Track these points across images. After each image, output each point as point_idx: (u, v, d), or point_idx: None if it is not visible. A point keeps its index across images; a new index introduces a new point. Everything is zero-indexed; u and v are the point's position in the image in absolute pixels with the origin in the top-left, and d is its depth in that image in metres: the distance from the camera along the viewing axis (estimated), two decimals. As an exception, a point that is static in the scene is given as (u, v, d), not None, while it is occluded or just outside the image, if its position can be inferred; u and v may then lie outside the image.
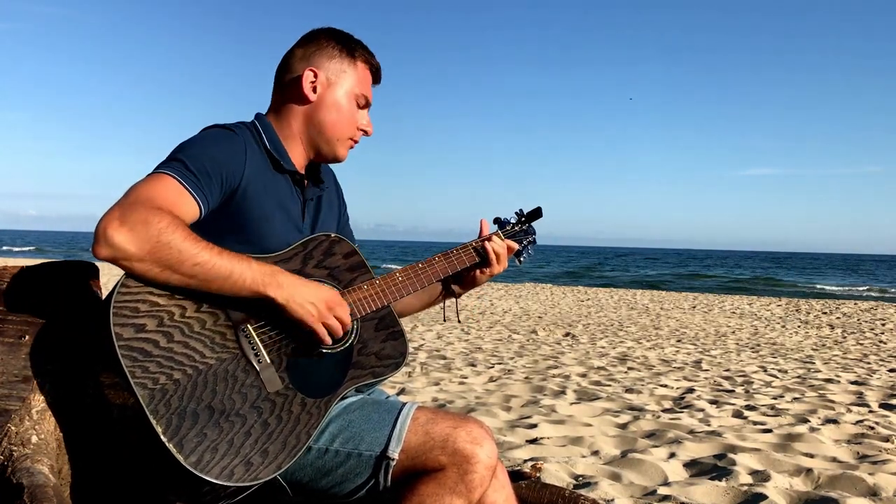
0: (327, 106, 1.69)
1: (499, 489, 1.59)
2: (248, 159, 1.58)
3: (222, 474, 1.35)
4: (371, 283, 1.68)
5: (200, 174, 1.48)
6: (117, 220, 1.36)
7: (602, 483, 3.02)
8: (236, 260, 1.44)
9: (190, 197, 1.46)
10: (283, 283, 1.47)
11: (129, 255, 1.35)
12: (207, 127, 1.63)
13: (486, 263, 1.84)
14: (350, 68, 1.71)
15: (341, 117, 1.70)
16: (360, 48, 1.74)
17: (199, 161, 1.49)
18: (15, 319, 1.53)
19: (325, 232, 1.71)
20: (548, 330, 9.80)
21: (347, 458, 1.52)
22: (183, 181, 1.46)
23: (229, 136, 1.58)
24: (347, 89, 1.70)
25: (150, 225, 1.36)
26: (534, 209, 1.99)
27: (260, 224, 1.58)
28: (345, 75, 1.70)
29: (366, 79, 1.74)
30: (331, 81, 1.69)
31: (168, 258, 1.37)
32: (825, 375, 6.44)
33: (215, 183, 1.51)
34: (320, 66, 1.69)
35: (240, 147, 1.58)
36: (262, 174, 1.61)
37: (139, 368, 1.34)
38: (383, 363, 1.64)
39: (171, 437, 1.33)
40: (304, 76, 1.68)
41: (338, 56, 1.70)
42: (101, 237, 1.35)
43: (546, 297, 17.24)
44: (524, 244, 1.97)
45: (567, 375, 6.01)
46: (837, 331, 11.00)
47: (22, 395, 1.50)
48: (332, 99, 1.69)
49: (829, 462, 3.51)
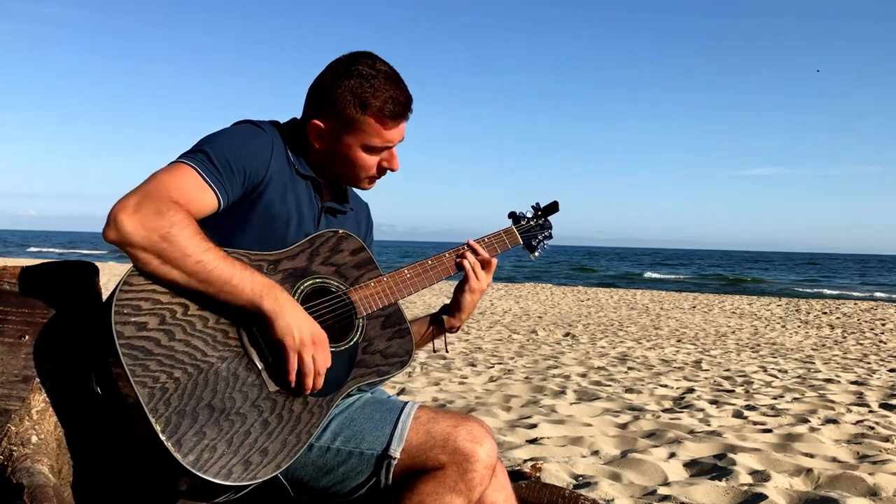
0: (335, 158, 1.66)
1: (499, 489, 1.59)
2: (273, 158, 1.58)
3: (220, 473, 1.35)
4: (378, 280, 1.67)
5: (223, 167, 1.49)
6: (132, 206, 1.37)
7: (602, 483, 3.02)
8: (239, 267, 1.43)
9: (209, 189, 1.47)
10: (279, 298, 1.44)
11: (134, 243, 1.36)
12: (238, 121, 1.63)
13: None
14: (358, 122, 1.61)
15: (352, 168, 1.66)
16: (372, 98, 1.60)
17: (223, 155, 1.50)
18: (15, 319, 1.53)
19: (333, 228, 1.70)
20: (548, 330, 9.80)
21: (349, 457, 1.52)
22: (204, 173, 1.46)
23: (257, 132, 1.59)
24: (356, 143, 1.63)
25: (163, 217, 1.37)
26: (550, 203, 1.98)
27: (273, 223, 1.59)
28: (351, 130, 1.62)
29: (377, 130, 1.62)
30: (338, 133, 1.63)
31: (171, 253, 1.37)
32: (825, 375, 6.44)
33: (237, 177, 1.51)
34: (329, 116, 1.62)
35: (266, 145, 1.58)
36: (284, 175, 1.61)
37: (140, 367, 1.34)
38: (388, 361, 1.63)
39: (170, 435, 1.32)
40: (310, 127, 1.65)
41: (350, 108, 1.60)
42: (113, 221, 1.36)
43: (546, 297, 17.24)
44: (540, 238, 1.96)
45: (567, 375, 6.01)
46: (837, 331, 11.00)
47: (22, 395, 1.50)
48: (339, 153, 1.65)
49: (829, 462, 3.50)
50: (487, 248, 1.86)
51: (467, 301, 1.82)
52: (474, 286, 1.80)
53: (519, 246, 1.94)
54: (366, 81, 1.60)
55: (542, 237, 1.96)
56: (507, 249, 1.92)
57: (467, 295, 1.81)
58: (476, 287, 1.80)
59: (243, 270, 1.43)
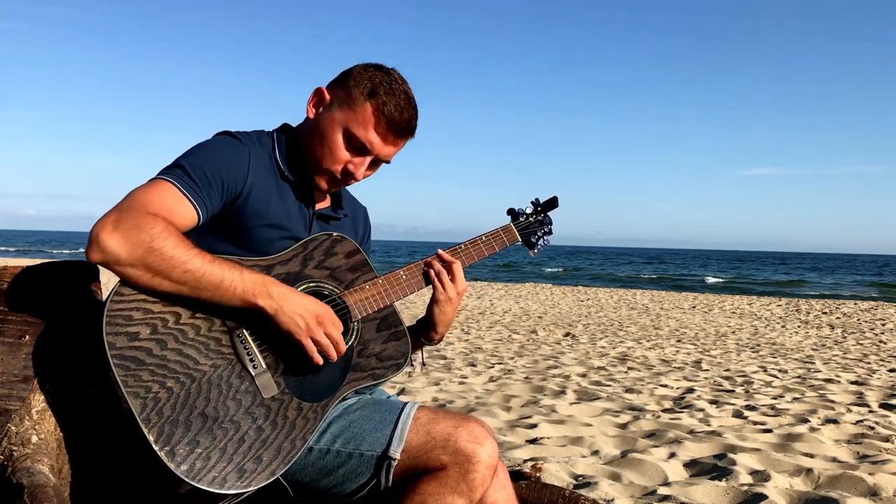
0: (316, 130, 1.63)
1: (499, 489, 1.59)
2: (251, 167, 1.57)
3: (214, 482, 1.35)
4: (373, 282, 1.65)
5: (200, 180, 1.48)
6: (111, 224, 1.36)
7: (602, 483, 3.02)
8: (228, 268, 1.42)
9: (188, 203, 1.46)
10: (273, 293, 1.44)
11: (120, 261, 1.36)
12: (216, 133, 1.63)
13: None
14: (357, 104, 1.59)
15: (323, 146, 1.61)
16: (383, 94, 1.58)
17: (201, 168, 1.49)
18: (15, 319, 1.53)
19: (327, 231, 1.69)
20: (548, 330, 9.80)
21: (349, 458, 1.52)
22: (182, 187, 1.46)
23: (234, 143, 1.58)
24: (342, 122, 1.59)
25: (142, 230, 1.36)
26: (549, 199, 1.95)
27: (259, 231, 1.57)
28: (346, 108, 1.60)
29: (369, 123, 1.58)
30: (332, 107, 1.62)
31: (159, 264, 1.37)
32: (825, 375, 6.44)
33: (215, 190, 1.51)
34: (334, 89, 1.64)
35: (243, 155, 1.57)
36: (267, 183, 1.60)
37: (132, 377, 1.34)
38: (384, 364, 1.62)
39: (163, 445, 1.32)
40: (315, 92, 1.65)
41: (354, 87, 1.60)
42: (94, 241, 1.36)
43: (546, 297, 17.23)
44: (539, 235, 1.93)
45: (567, 375, 6.01)
46: (837, 331, 11.00)
47: (22, 395, 1.49)
48: (322, 125, 1.62)
49: (829, 462, 3.50)
50: (486, 246, 1.82)
51: (437, 313, 1.73)
52: (440, 297, 1.71)
53: (518, 243, 1.91)
54: (387, 83, 1.60)
55: (541, 233, 1.93)
56: (506, 247, 1.88)
57: (435, 307, 1.72)
58: (443, 297, 1.71)
59: (232, 270, 1.43)
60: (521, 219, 1.92)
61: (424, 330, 1.77)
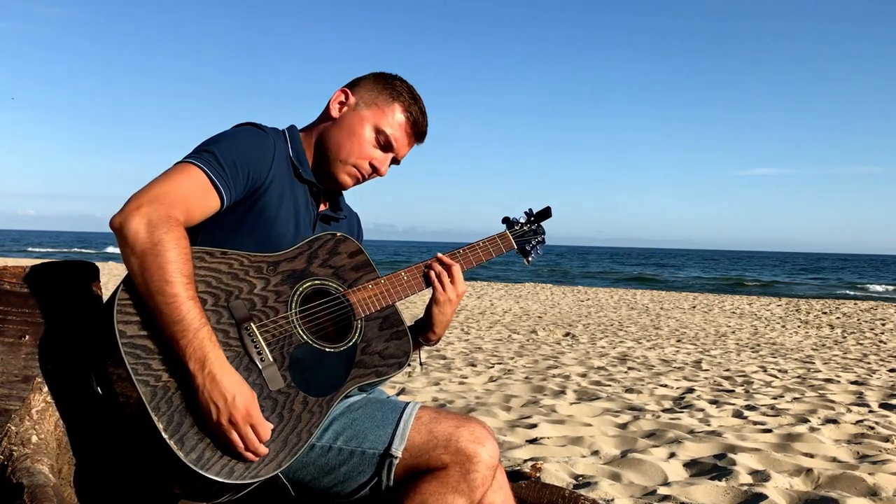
0: (342, 127, 1.69)
1: (497, 489, 1.60)
2: (275, 160, 1.60)
3: (222, 471, 1.36)
4: (376, 282, 1.68)
5: (229, 168, 1.51)
6: (144, 207, 1.39)
7: (602, 483, 3.02)
8: (196, 317, 1.36)
9: (215, 192, 1.50)
10: (207, 366, 1.35)
11: (130, 243, 1.38)
12: (240, 124, 1.66)
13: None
14: (385, 104, 1.70)
15: (352, 142, 1.68)
16: (408, 97, 1.71)
17: (230, 157, 1.52)
18: (15, 319, 1.53)
19: (331, 231, 1.72)
20: (548, 330, 9.81)
21: (350, 457, 1.52)
22: (211, 173, 1.49)
23: (261, 135, 1.61)
24: (371, 120, 1.69)
25: (160, 230, 1.38)
26: (543, 209, 2.00)
27: (272, 225, 1.60)
28: (375, 107, 1.69)
29: (396, 122, 1.70)
30: (358, 107, 1.70)
31: (150, 265, 1.36)
32: (825, 375, 6.44)
33: (241, 178, 1.53)
34: (356, 91, 1.72)
35: (269, 147, 1.60)
36: (284, 178, 1.63)
37: (142, 365, 1.35)
38: (387, 362, 1.64)
39: (172, 434, 1.33)
40: (336, 94, 1.71)
41: (378, 90, 1.71)
42: (123, 215, 1.39)
43: (546, 297, 17.24)
44: (533, 244, 1.98)
45: (567, 375, 6.01)
46: (837, 331, 11.00)
47: (22, 395, 1.50)
48: (349, 122, 1.69)
49: (829, 462, 3.50)
50: (483, 251, 1.86)
51: (436, 314, 1.75)
52: (440, 297, 1.73)
53: (513, 251, 1.96)
54: (409, 90, 1.72)
55: (535, 242, 1.98)
56: (502, 254, 1.93)
57: (435, 308, 1.74)
58: (443, 298, 1.73)
59: (196, 321, 1.35)
60: (517, 227, 1.96)
61: (423, 330, 1.79)
